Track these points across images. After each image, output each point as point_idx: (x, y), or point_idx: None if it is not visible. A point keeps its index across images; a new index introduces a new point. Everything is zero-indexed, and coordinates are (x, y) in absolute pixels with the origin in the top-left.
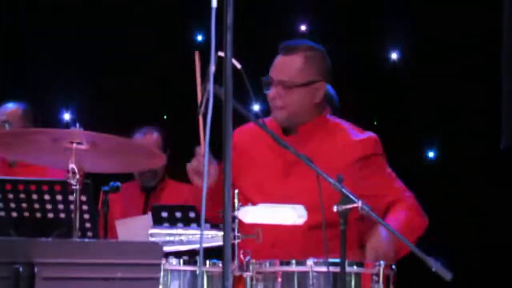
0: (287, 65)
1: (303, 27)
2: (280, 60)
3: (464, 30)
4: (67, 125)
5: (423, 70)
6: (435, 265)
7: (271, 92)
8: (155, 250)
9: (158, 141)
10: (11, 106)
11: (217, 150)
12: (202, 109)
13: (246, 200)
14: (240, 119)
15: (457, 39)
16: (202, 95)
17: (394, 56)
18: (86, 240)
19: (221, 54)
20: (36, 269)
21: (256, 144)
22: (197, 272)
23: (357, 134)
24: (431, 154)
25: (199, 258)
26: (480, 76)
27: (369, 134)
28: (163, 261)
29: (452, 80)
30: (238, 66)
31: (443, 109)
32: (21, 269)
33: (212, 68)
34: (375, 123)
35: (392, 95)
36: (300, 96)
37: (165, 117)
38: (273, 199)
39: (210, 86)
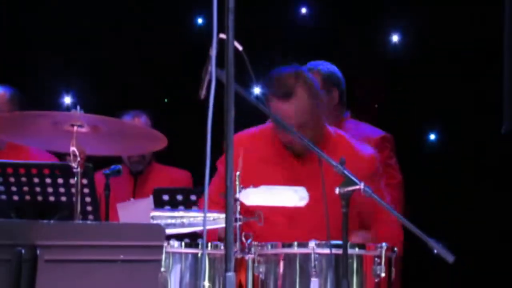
0: (296, 111)
1: (303, 10)
2: (284, 108)
3: (465, 12)
4: (67, 109)
5: (424, 52)
6: (437, 247)
7: (284, 137)
8: (157, 232)
9: (147, 125)
10: None
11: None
12: (204, 92)
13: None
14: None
15: (459, 20)
16: (203, 78)
17: (395, 38)
18: (89, 222)
19: (222, 36)
20: (38, 252)
21: (256, 154)
22: (199, 255)
23: (359, 149)
24: (432, 137)
25: (202, 241)
26: (482, 60)
27: (371, 151)
28: (165, 244)
29: (454, 62)
30: (240, 48)
31: (445, 92)
32: (23, 251)
33: (214, 51)
34: (376, 106)
35: (393, 77)
36: (313, 126)
37: (165, 100)
38: (283, 213)
39: (212, 69)
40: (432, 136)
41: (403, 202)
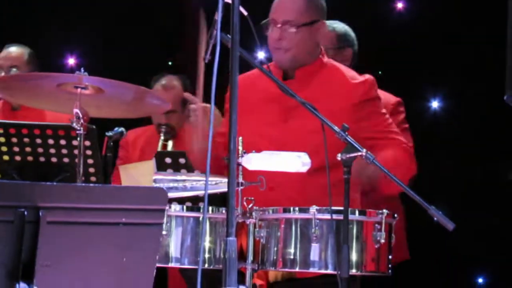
0: (291, 5)
1: None
2: (281, 1)
3: None
4: (71, 70)
5: (428, 19)
6: (437, 215)
7: (275, 33)
8: (160, 195)
9: (180, 93)
10: (15, 50)
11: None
12: (208, 56)
13: (247, 147)
14: (242, 66)
15: None
16: (208, 42)
17: (399, 5)
18: (91, 185)
19: (228, 0)
20: (41, 213)
21: (250, 92)
22: (201, 218)
23: (354, 76)
24: (435, 104)
25: (203, 204)
26: (485, 27)
27: (366, 76)
28: (166, 207)
29: (457, 30)
30: (245, 13)
31: (448, 59)
32: (26, 213)
33: (219, 15)
34: (380, 72)
35: (397, 45)
36: (305, 36)
37: (169, 63)
38: (273, 144)
39: (217, 33)
40: (435, 104)
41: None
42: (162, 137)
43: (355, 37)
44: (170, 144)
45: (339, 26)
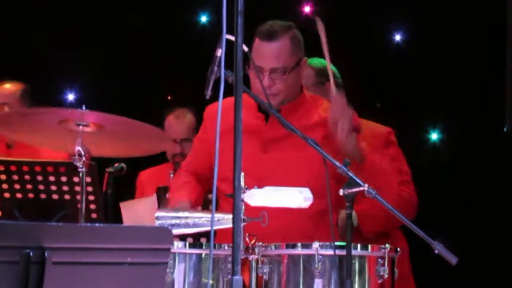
0: (277, 52)
1: (307, 8)
2: (267, 48)
3: (467, 10)
4: (71, 106)
5: (426, 52)
6: (440, 249)
7: (265, 81)
8: (165, 235)
9: (193, 123)
10: (8, 87)
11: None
12: (209, 92)
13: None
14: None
15: (461, 20)
16: (209, 78)
17: (398, 37)
18: (97, 224)
19: (229, 37)
20: (46, 254)
21: (229, 123)
22: (203, 255)
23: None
24: (434, 136)
25: (210, 241)
26: (484, 58)
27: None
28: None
29: (456, 61)
30: (245, 49)
31: (447, 91)
32: (31, 253)
33: (222, 51)
34: (378, 105)
35: (395, 76)
36: (293, 78)
37: (168, 98)
38: (252, 178)
39: (222, 71)
40: (434, 136)
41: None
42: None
43: (337, 70)
44: None
45: (317, 62)
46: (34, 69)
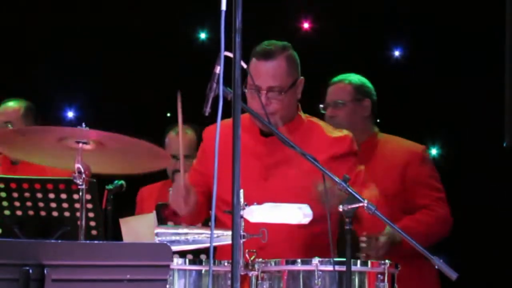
0: (274, 71)
1: (306, 25)
2: (263, 67)
3: (467, 28)
4: (71, 123)
5: (425, 67)
6: (438, 263)
7: (262, 100)
8: (164, 251)
9: (193, 140)
10: (12, 105)
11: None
12: (208, 109)
13: (223, 206)
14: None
15: (460, 36)
16: (208, 95)
17: (397, 53)
18: (96, 242)
19: (228, 54)
20: (46, 271)
21: (229, 146)
22: (203, 271)
23: (332, 132)
24: (433, 152)
25: (209, 258)
26: (483, 74)
27: (345, 132)
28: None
29: (455, 77)
30: (244, 66)
31: (446, 106)
32: (31, 271)
33: (221, 69)
34: (377, 120)
35: (394, 92)
36: (290, 97)
37: (168, 115)
38: (254, 201)
39: (220, 88)
40: (434, 151)
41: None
42: None
43: (373, 87)
44: None
45: (355, 78)
46: (34, 87)
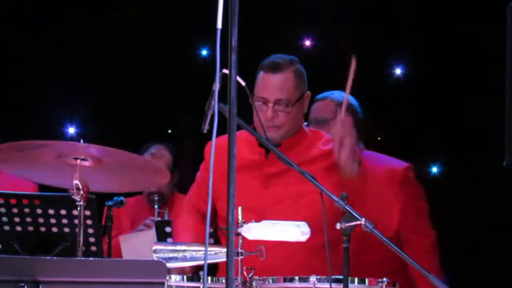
0: (281, 84)
1: (307, 42)
2: (271, 79)
3: (467, 47)
4: (71, 139)
5: (427, 86)
6: (434, 281)
7: (269, 113)
8: (159, 268)
9: (169, 161)
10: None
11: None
12: (207, 126)
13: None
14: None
15: (460, 55)
16: (206, 112)
17: (398, 71)
18: (91, 258)
19: (225, 71)
20: (40, 287)
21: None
22: None
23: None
24: (434, 170)
25: (203, 275)
26: (483, 92)
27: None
28: (166, 278)
29: (455, 96)
30: (243, 83)
31: (447, 125)
32: (26, 287)
33: (216, 87)
34: (379, 138)
35: (396, 110)
36: (296, 111)
37: (169, 131)
38: (252, 214)
39: (215, 104)
40: (435, 169)
41: None
42: (156, 206)
43: (358, 104)
44: (166, 212)
45: (338, 95)
46: (35, 102)
